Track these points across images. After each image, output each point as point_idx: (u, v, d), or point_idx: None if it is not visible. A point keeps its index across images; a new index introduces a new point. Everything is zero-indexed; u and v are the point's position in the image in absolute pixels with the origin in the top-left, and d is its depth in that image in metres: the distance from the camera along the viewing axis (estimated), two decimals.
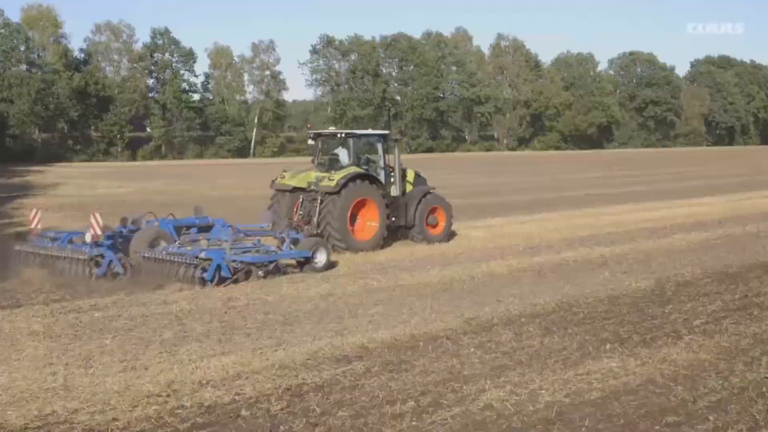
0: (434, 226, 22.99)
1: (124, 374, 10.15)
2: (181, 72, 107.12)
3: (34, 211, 20.07)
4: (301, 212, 21.24)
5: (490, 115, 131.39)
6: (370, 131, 24.23)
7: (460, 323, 13.07)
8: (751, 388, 9.88)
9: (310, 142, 23.45)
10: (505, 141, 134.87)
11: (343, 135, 22.57)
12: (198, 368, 10.42)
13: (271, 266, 17.38)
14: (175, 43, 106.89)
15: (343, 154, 22.36)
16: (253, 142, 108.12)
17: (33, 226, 19.34)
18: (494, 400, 9.31)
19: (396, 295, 15.39)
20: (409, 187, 23.35)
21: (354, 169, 21.33)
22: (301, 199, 21.42)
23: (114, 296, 15.09)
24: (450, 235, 23.58)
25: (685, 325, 12.92)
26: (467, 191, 43.29)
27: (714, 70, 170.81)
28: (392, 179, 22.76)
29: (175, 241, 18.05)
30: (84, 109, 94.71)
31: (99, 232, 17.32)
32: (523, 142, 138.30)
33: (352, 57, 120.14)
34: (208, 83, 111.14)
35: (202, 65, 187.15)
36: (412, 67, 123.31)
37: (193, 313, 13.75)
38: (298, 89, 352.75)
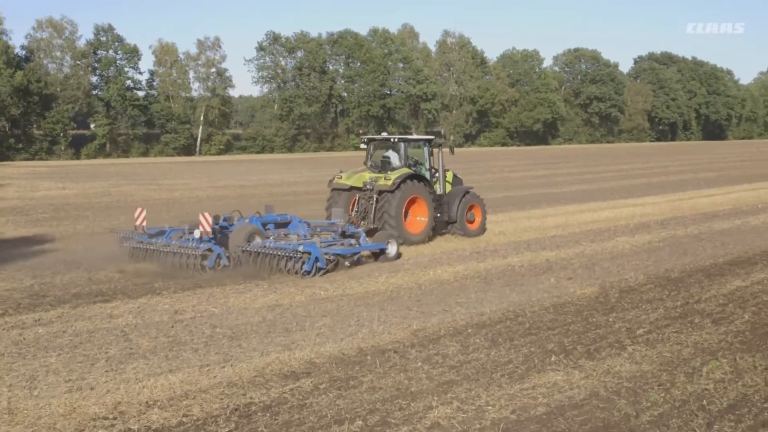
0: (472, 222, 25.54)
1: (69, 395, 10.04)
2: (126, 69, 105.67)
3: (139, 209, 21.57)
4: (357, 209, 23.56)
5: (436, 111, 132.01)
6: (418, 136, 25.93)
7: (407, 335, 13.13)
8: (692, 400, 10.09)
9: (362, 146, 25.45)
10: (451, 137, 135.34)
11: (396, 140, 24.51)
12: (145, 387, 10.35)
13: (356, 257, 19.93)
14: (119, 39, 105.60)
15: (394, 157, 24.46)
16: (199, 139, 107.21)
17: (138, 223, 20.98)
18: (441, 417, 9.39)
19: (343, 306, 15.40)
20: (448, 187, 25.51)
21: (406, 170, 23.44)
22: (356, 197, 23.66)
23: (59, 309, 14.91)
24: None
25: (628, 335, 13.12)
26: None
27: (656, 67, 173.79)
28: (436, 179, 24.93)
29: (269, 237, 20.03)
30: (26, 107, 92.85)
31: (209, 229, 19.43)
32: (469, 139, 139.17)
33: (299, 54, 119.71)
34: (153, 80, 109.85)
35: (146, 62, 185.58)
36: (358, 63, 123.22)
37: (140, 327, 13.63)
38: (245, 85, 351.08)
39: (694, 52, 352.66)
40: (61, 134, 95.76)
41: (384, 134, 25.87)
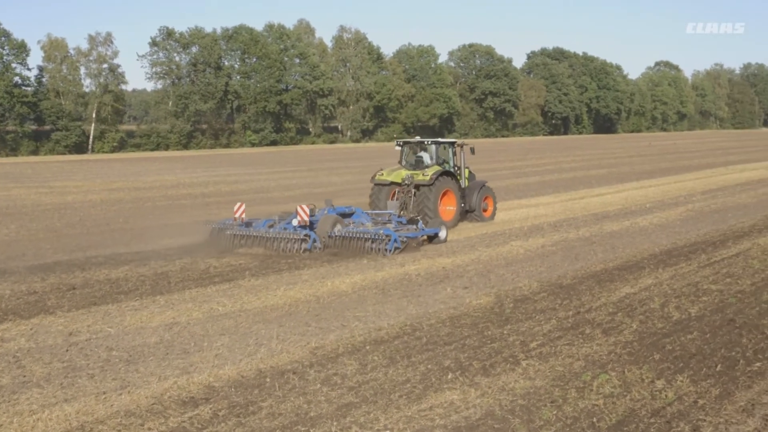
0: (486, 210, 30.51)
1: None
2: (13, 65, 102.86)
3: (239, 203, 25.43)
4: (396, 201, 27.79)
5: (333, 107, 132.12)
6: (445, 139, 30.17)
7: (306, 353, 13.19)
8: (583, 417, 10.42)
9: (397, 148, 29.74)
10: (349, 133, 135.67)
11: (429, 142, 29.18)
12: (39, 420, 10.19)
13: (420, 240, 24.51)
14: (6, 35, 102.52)
15: (426, 157, 28.92)
16: (91, 137, 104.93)
17: (237, 215, 24.95)
18: None
19: (242, 322, 15.32)
20: (465, 182, 29.86)
21: (439, 168, 27.93)
22: (395, 191, 28.16)
23: None
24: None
25: (522, 349, 13.44)
26: (313, 194, 43.34)
27: (549, 62, 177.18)
28: (459, 175, 29.39)
29: (348, 225, 24.50)
30: None
31: (306, 218, 23.45)
32: (366, 134, 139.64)
33: (193, 49, 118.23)
34: (43, 77, 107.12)
35: (35, 58, 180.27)
36: (254, 59, 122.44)
37: (33, 352, 13.33)
38: (139, 79, 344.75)
39: (584, 47, 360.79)
40: None
41: (417, 138, 30.93)
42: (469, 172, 30.33)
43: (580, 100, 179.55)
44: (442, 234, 25.34)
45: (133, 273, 20.29)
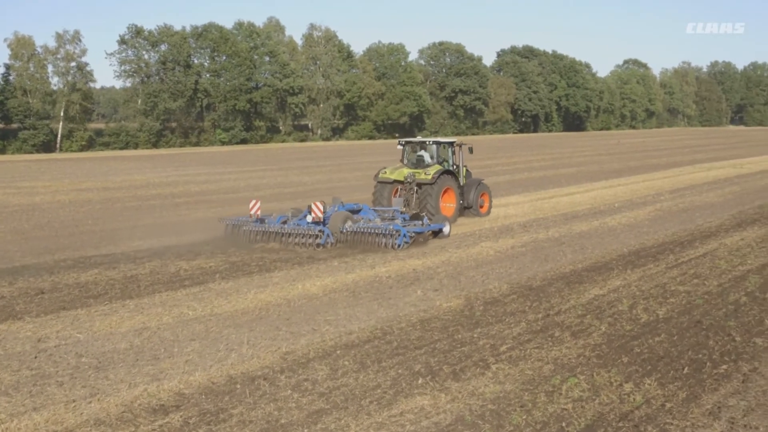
0: (482, 206, 31.88)
1: None
2: None
3: (254, 201, 26.19)
4: (400, 198, 29.17)
5: (303, 105, 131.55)
6: (444, 139, 31.34)
7: (276, 359, 13.20)
8: (552, 422, 10.52)
9: (399, 147, 31.08)
10: (319, 131, 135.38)
11: (430, 142, 30.59)
12: (8, 430, 10.14)
13: (427, 234, 25.63)
14: None
15: (426, 156, 30.35)
16: (59, 136, 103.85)
17: (252, 212, 25.75)
18: None
19: (212, 327, 15.29)
20: (463, 180, 31.12)
21: (439, 167, 29.39)
22: (398, 188, 29.59)
23: None
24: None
25: (492, 352, 13.52)
26: (284, 194, 43.27)
27: (519, 60, 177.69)
28: (458, 173, 30.63)
29: (357, 221, 25.46)
30: None
31: (320, 215, 24.67)
32: (337, 132, 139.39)
33: (162, 47, 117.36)
34: (9, 75, 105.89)
35: (1, 56, 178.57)
36: (224, 57, 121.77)
37: (1, 359, 13.22)
38: (107, 76, 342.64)
39: (553, 45, 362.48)
40: None
41: (418, 137, 32.24)
42: (467, 170, 31.57)
43: (550, 98, 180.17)
44: (446, 229, 26.53)
45: (103, 276, 20.16)
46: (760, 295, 17.74)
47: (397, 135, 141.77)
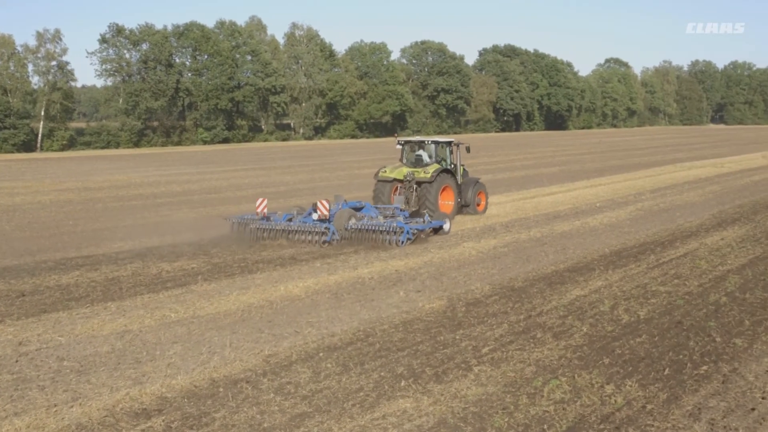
0: (479, 204, 32.64)
1: None
2: None
3: (261, 199, 27.13)
4: (401, 196, 29.84)
5: (285, 104, 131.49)
6: (443, 138, 32.11)
7: (259, 361, 13.19)
8: (534, 424, 10.56)
9: (398, 146, 31.65)
10: (301, 130, 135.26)
11: (429, 141, 31.31)
12: None
13: (428, 231, 26.51)
14: None
15: (425, 155, 31.08)
16: (40, 135, 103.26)
17: (259, 210, 26.56)
18: None
19: (194, 330, 15.25)
20: (460, 179, 31.76)
21: (438, 166, 30.18)
22: (397, 187, 30.25)
23: None
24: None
25: (474, 354, 13.56)
26: (266, 193, 43.21)
27: (500, 59, 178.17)
28: (455, 172, 31.34)
29: (361, 218, 26.00)
30: None
31: (326, 213, 25.44)
32: (319, 131, 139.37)
33: (144, 46, 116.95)
34: None
35: None
36: (206, 56, 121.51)
37: None
38: (88, 75, 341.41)
39: (535, 44, 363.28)
40: None
41: (417, 137, 32.97)
42: (464, 169, 32.33)
43: (532, 96, 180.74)
44: (446, 226, 27.49)
45: (84, 278, 20.08)
46: (740, 295, 17.87)
47: (379, 134, 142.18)
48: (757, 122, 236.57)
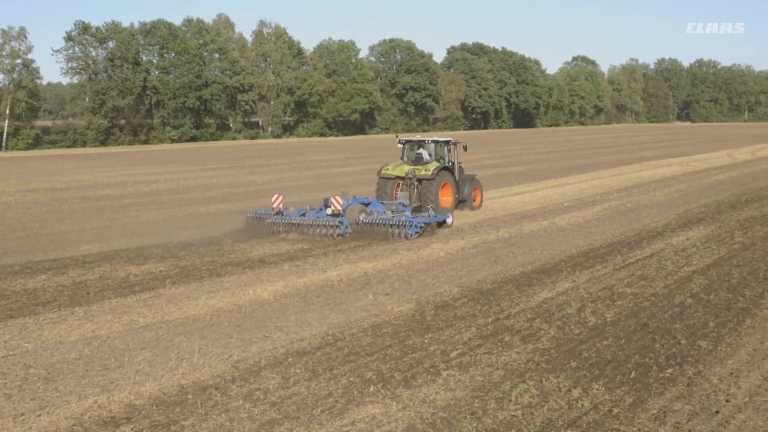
0: (475, 200, 34.53)
1: None
2: None
3: (276, 195, 28.28)
4: (405, 192, 31.30)
5: (254, 102, 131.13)
6: (442, 138, 33.61)
7: (228, 367, 13.18)
8: (502, 429, 10.66)
9: (399, 145, 33.41)
10: (270, 128, 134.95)
11: (429, 141, 33.00)
12: None
13: (434, 224, 28.19)
14: None
15: (425, 153, 32.69)
16: (5, 134, 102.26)
17: (275, 206, 27.84)
18: None
19: (163, 335, 15.21)
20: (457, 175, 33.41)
21: (438, 163, 31.80)
22: (399, 184, 31.75)
23: None
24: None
25: (443, 359, 13.63)
26: (234, 194, 43.10)
27: (469, 57, 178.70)
28: (453, 169, 32.94)
29: (370, 213, 27.42)
30: None
31: (339, 207, 26.83)
32: (287, 129, 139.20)
33: (110, 44, 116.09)
34: None
35: None
36: (173, 54, 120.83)
37: None
38: (54, 72, 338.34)
39: (503, 42, 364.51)
40: None
41: (418, 136, 34.57)
42: (460, 166, 33.92)
43: (500, 94, 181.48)
44: (449, 220, 29.20)
45: (51, 282, 19.94)
46: (704, 296, 18.08)
47: (347, 132, 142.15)
48: (722, 120, 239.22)
